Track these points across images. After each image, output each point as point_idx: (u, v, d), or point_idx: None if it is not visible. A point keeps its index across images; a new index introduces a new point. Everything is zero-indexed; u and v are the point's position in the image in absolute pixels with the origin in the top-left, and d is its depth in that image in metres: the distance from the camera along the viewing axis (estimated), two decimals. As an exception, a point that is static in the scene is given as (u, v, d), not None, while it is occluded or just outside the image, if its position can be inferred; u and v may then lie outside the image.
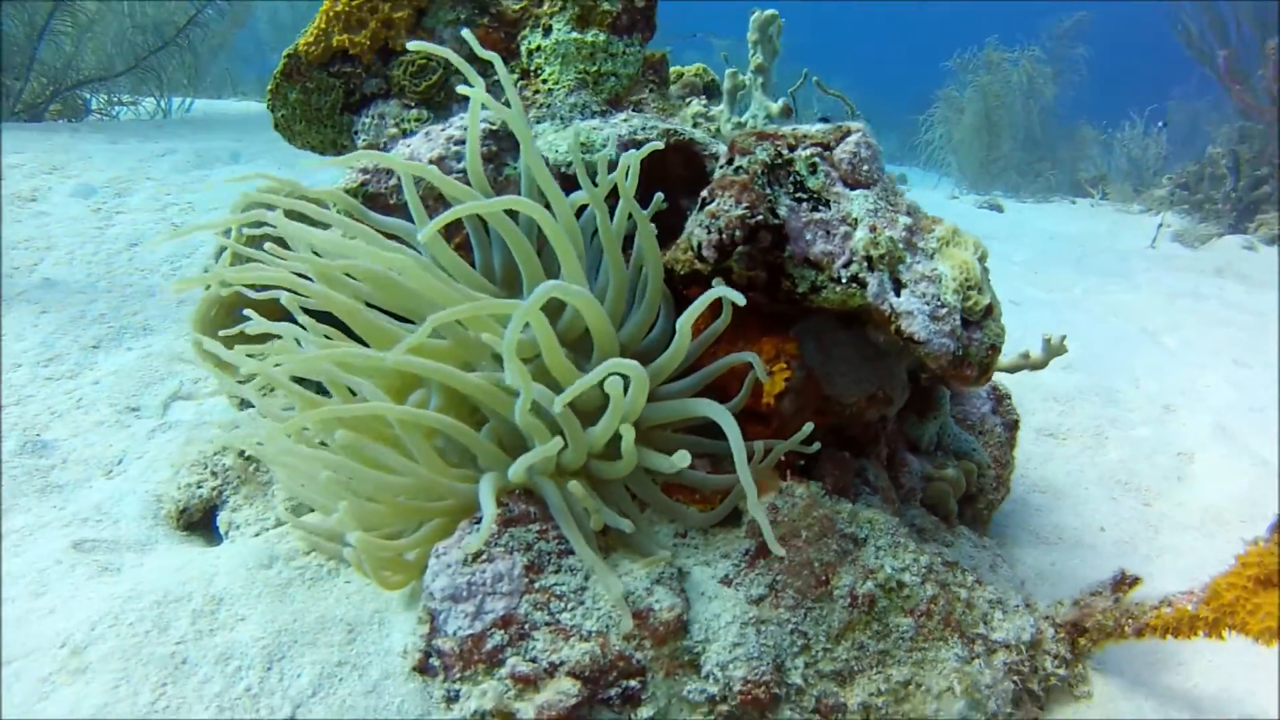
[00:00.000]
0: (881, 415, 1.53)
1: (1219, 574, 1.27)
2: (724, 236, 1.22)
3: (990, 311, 1.29)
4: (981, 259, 1.32)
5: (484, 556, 1.18)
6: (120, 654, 1.17)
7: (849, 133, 1.33)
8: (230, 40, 8.19)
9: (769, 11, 1.77)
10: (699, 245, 1.26)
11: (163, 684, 1.13)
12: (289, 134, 1.86)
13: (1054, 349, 1.86)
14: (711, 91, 2.33)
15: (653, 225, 1.31)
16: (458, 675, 1.16)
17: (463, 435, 1.21)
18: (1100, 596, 1.50)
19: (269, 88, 1.81)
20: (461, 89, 1.28)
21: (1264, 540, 1.22)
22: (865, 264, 1.24)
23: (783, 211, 1.26)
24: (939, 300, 1.25)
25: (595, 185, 1.28)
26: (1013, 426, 2.12)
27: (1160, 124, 7.73)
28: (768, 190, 1.26)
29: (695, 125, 1.99)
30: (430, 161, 1.43)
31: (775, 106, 1.81)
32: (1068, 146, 10.79)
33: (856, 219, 1.27)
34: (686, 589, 1.25)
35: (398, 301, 1.37)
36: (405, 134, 1.75)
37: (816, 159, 1.30)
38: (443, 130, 1.47)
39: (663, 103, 1.85)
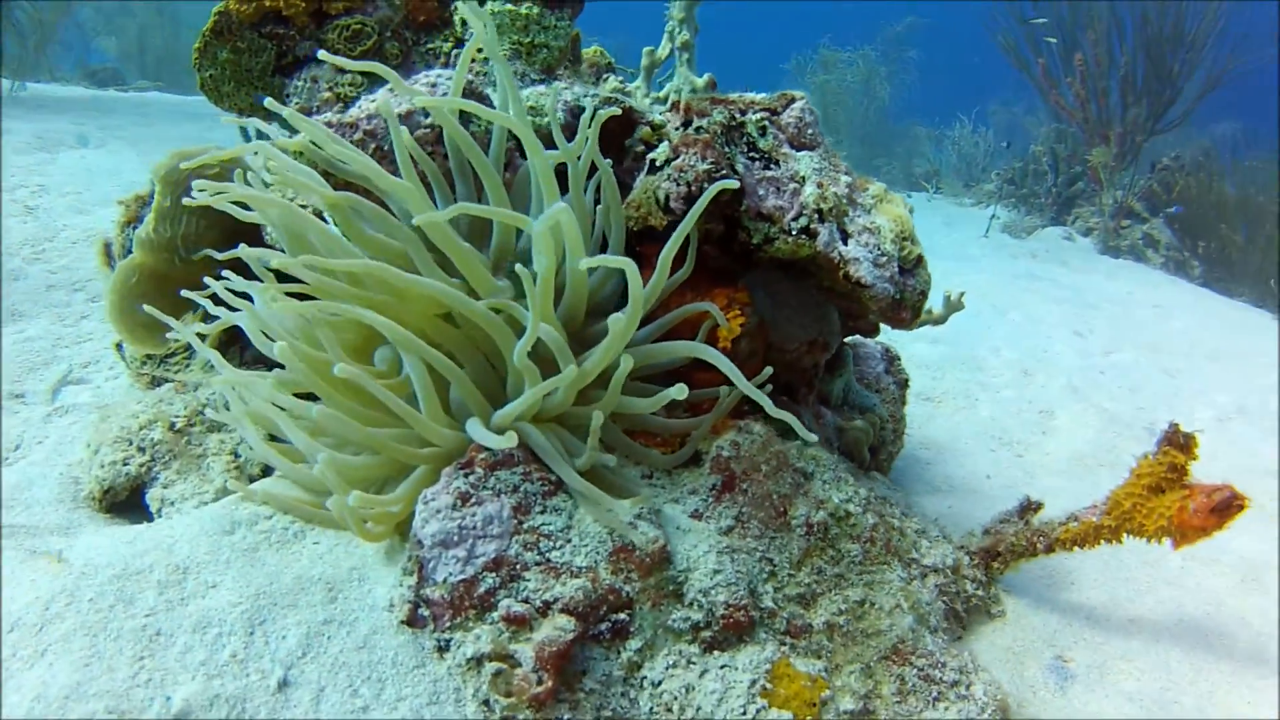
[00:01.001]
0: (815, 362, 1.64)
1: (1116, 487, 1.46)
2: (692, 189, 1.28)
3: (920, 261, 1.42)
4: (909, 213, 1.44)
5: (473, 500, 1.19)
6: (85, 630, 1.09)
7: (793, 100, 1.42)
8: (54, 26, 7.50)
9: (694, -7, 1.85)
10: (666, 198, 1.31)
11: (139, 657, 1.07)
12: (215, 95, 1.77)
13: (953, 304, 2.04)
14: (611, 71, 2.39)
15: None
16: (448, 624, 1.16)
17: (451, 373, 1.20)
18: (1009, 522, 1.66)
19: (196, 46, 1.71)
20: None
21: (1152, 454, 1.41)
22: (816, 216, 1.33)
23: (739, 168, 1.34)
24: (879, 249, 1.36)
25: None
26: (904, 385, 2.29)
27: (1005, 143, 8.41)
28: (726, 149, 1.33)
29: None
30: (400, 116, 1.41)
31: (700, 81, 1.90)
32: (902, 144, 11.52)
33: (804, 177, 1.37)
34: (662, 524, 1.30)
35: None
36: (340, 99, 1.71)
37: (766, 122, 1.39)
38: (411, 85, 1.45)
39: (584, 77, 1.89)
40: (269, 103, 1.33)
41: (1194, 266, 6.87)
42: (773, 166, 1.37)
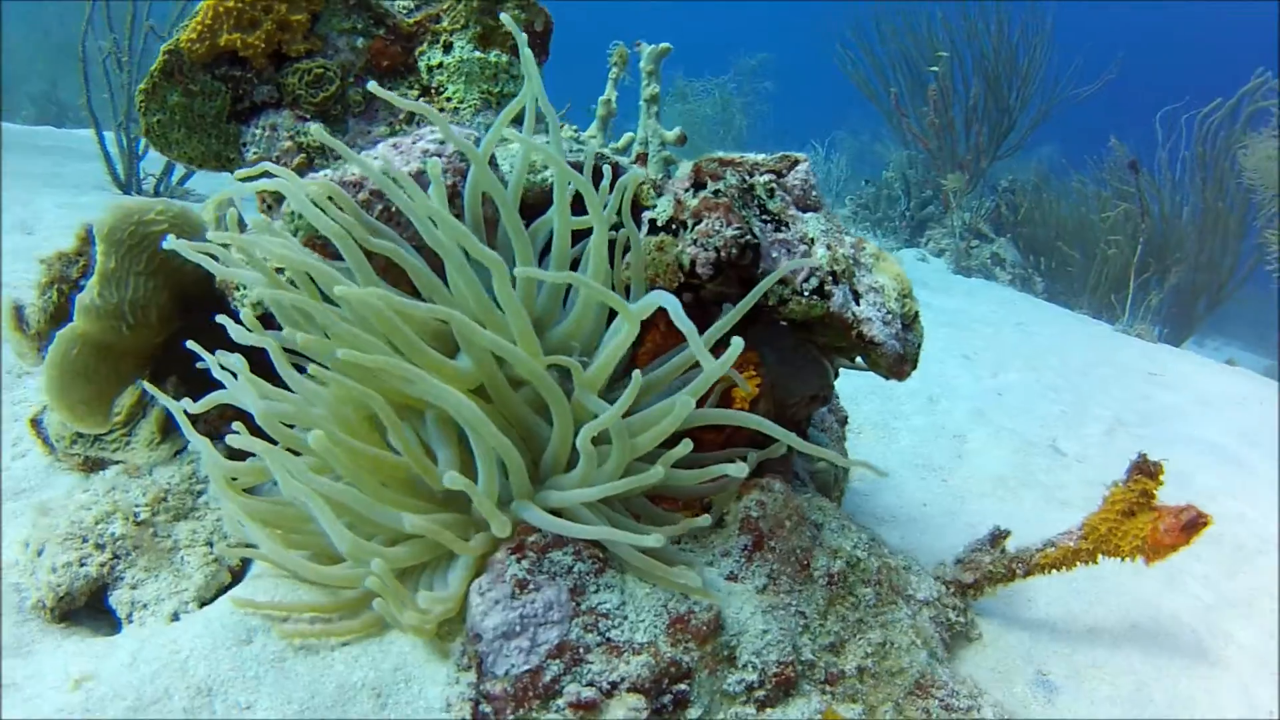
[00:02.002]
0: (809, 414, 1.72)
1: (1090, 514, 1.62)
2: (721, 255, 1.33)
3: (917, 316, 1.53)
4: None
5: (531, 586, 1.17)
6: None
7: (797, 162, 1.50)
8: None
9: (663, 45, 1.89)
10: (691, 263, 1.35)
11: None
12: (163, 142, 1.63)
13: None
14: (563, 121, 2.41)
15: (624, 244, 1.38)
16: (511, 717, 1.13)
17: (508, 452, 1.18)
18: (983, 551, 1.80)
19: (143, 87, 1.57)
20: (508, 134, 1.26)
21: (1122, 482, 1.58)
22: (831, 278, 1.41)
23: (755, 232, 1.40)
24: (886, 308, 1.46)
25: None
26: (843, 422, 2.43)
27: (865, 181, 8.95)
28: (743, 212, 1.39)
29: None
30: (409, 175, 1.36)
31: (671, 135, 1.94)
32: (759, 172, 12.07)
33: (813, 238, 1.44)
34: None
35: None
36: (302, 149, 1.64)
37: (773, 185, 1.46)
38: (413, 143, 1.40)
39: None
40: (336, 144, 1.26)
41: (1037, 282, 7.61)
42: (783, 229, 1.44)
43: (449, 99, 1.74)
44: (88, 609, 1.44)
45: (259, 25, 1.60)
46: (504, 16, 1.41)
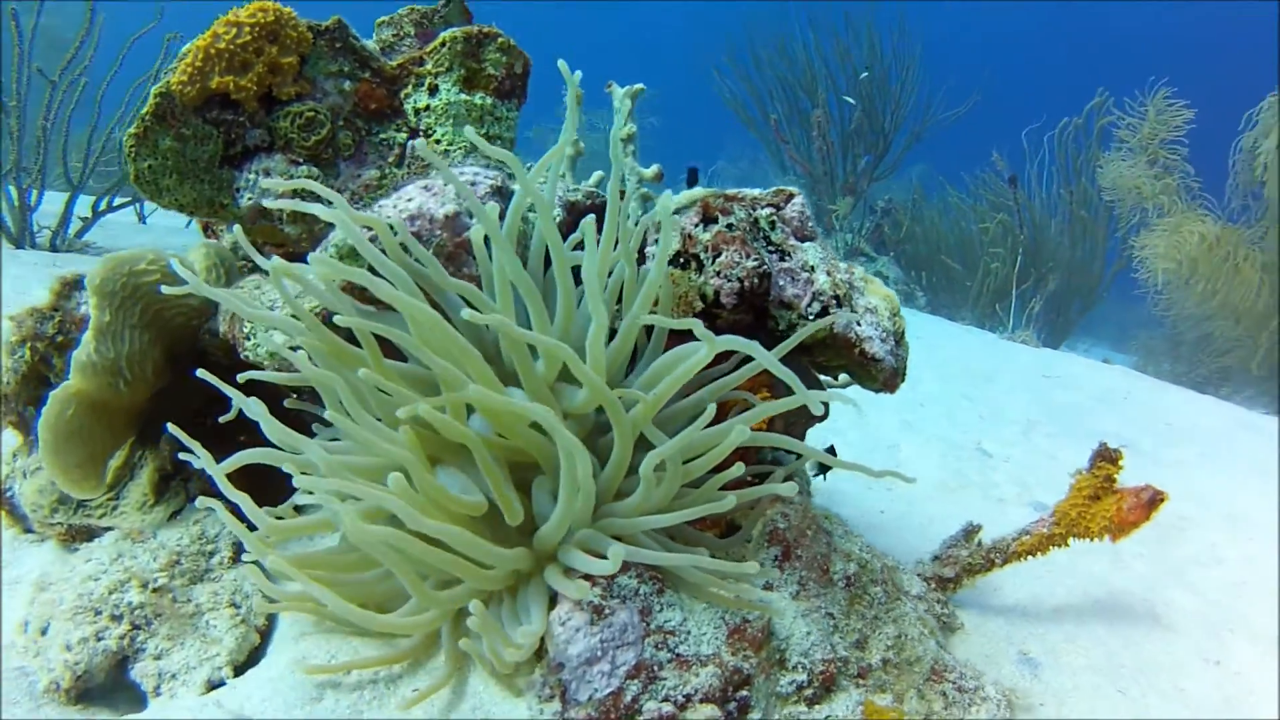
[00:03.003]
0: (803, 432, 1.86)
1: (1059, 501, 1.83)
2: (745, 285, 1.46)
3: (904, 332, 1.70)
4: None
5: (606, 611, 1.25)
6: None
7: (792, 195, 1.65)
8: None
9: (637, 85, 2.01)
10: (716, 293, 1.47)
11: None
12: (153, 189, 1.61)
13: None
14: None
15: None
16: (594, 738, 1.20)
17: (586, 481, 1.25)
18: (959, 546, 1.99)
19: (133, 131, 1.55)
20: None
21: (1086, 470, 1.79)
22: (834, 301, 1.56)
23: (766, 262, 1.54)
24: (881, 326, 1.63)
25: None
26: (799, 436, 2.60)
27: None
28: (754, 244, 1.53)
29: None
30: (446, 217, 1.41)
31: (649, 172, 2.06)
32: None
33: (814, 265, 1.60)
34: (748, 601, 1.44)
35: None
36: (296, 194, 1.66)
37: (774, 218, 1.60)
38: (445, 185, 1.45)
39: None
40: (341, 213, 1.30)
41: (919, 297, 8.17)
42: (786, 258, 1.58)
43: (438, 141, 1.80)
44: (106, 686, 1.41)
45: (250, 68, 1.62)
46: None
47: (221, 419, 1.44)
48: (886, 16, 8.32)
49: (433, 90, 1.83)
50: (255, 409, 1.31)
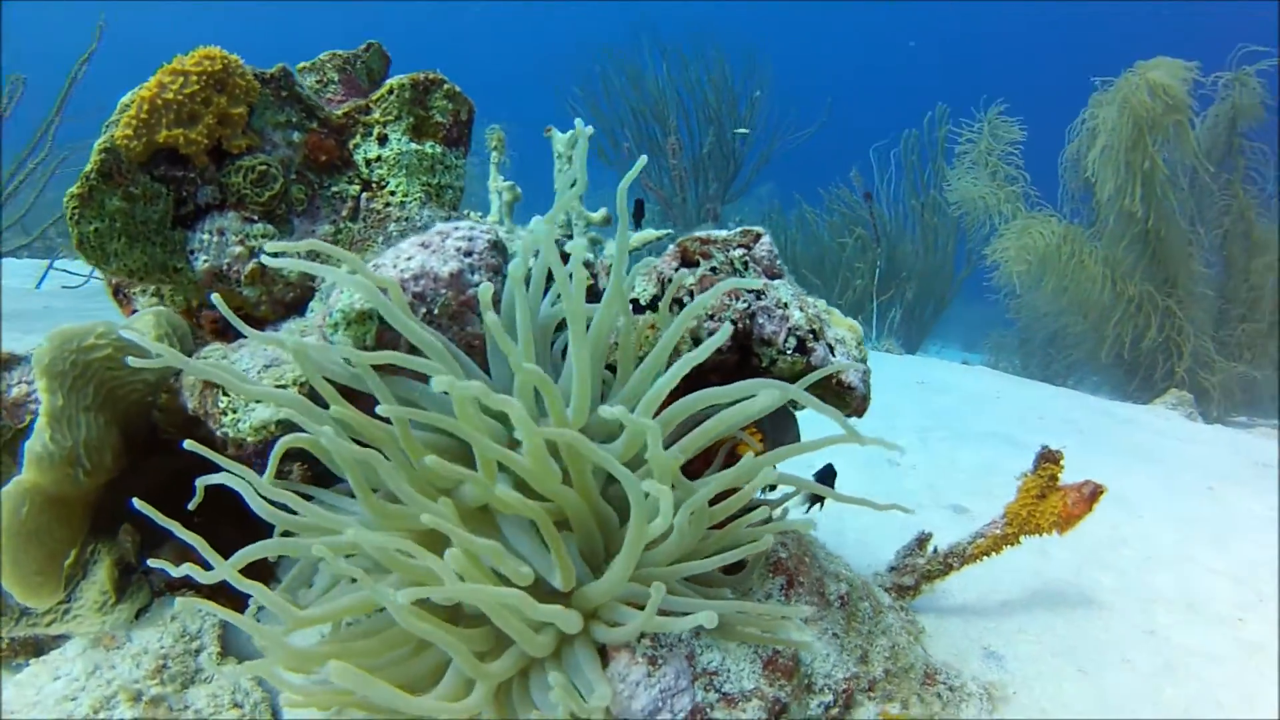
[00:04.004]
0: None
1: (1009, 503, 2.02)
2: (738, 326, 1.54)
3: (866, 358, 1.84)
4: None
5: (660, 661, 1.28)
6: None
7: (760, 235, 1.75)
8: None
9: (587, 129, 2.05)
10: (710, 335, 1.55)
11: None
12: (99, 254, 1.50)
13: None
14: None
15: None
16: (657, 786, 1.24)
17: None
18: (914, 555, 2.15)
19: (75, 191, 1.43)
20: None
21: (1031, 472, 1.99)
22: (811, 335, 1.68)
23: (750, 302, 1.63)
24: (851, 355, 1.75)
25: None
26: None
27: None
28: (739, 287, 1.62)
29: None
30: (450, 275, 1.39)
31: (596, 216, 2.10)
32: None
33: (786, 302, 1.70)
34: (767, 632, 1.51)
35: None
36: (254, 254, 1.61)
37: (747, 258, 1.70)
38: (444, 240, 1.43)
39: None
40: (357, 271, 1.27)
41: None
42: (762, 296, 1.68)
43: (393, 192, 1.79)
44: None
45: (199, 119, 1.55)
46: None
47: (191, 505, 1.36)
48: (735, 45, 8.75)
49: (382, 140, 1.81)
50: (271, 498, 1.27)
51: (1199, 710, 1.79)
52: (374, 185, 1.79)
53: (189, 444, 1.32)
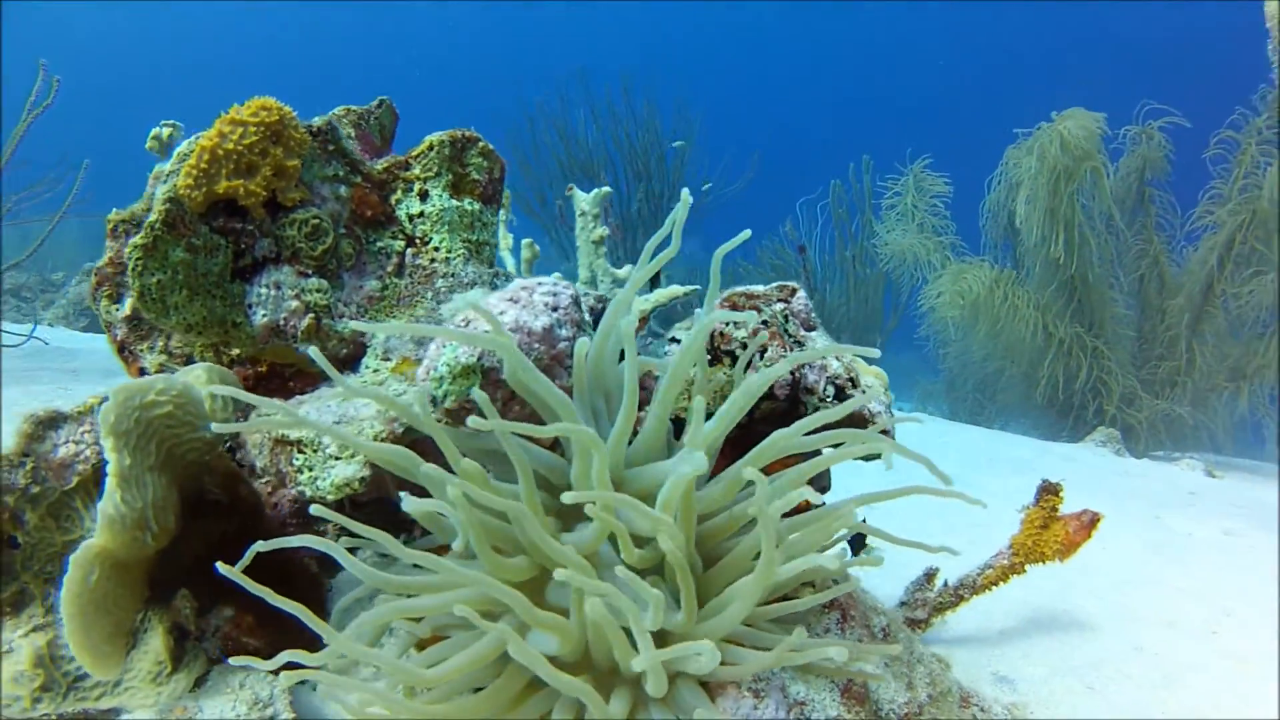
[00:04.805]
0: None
1: (1014, 535, 2.18)
2: (795, 375, 1.65)
3: (892, 403, 1.98)
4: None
5: (764, 695, 1.36)
6: None
7: (795, 290, 1.87)
8: None
9: (605, 189, 2.15)
10: (770, 387, 1.66)
11: None
12: (159, 308, 1.48)
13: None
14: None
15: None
16: (763, 817, 1.30)
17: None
18: (923, 589, 2.29)
19: (140, 242, 1.42)
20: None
21: (1033, 505, 2.16)
22: (849, 383, 1.80)
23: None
24: (882, 401, 1.89)
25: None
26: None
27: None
28: (786, 338, 1.73)
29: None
30: (544, 330, 1.44)
31: (621, 272, 2.19)
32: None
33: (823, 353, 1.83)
34: (832, 664, 1.60)
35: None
36: (310, 309, 1.64)
37: (787, 312, 1.82)
38: (530, 294, 1.47)
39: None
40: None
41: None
42: (798, 348, 1.80)
43: (436, 248, 1.84)
44: None
45: (257, 171, 1.58)
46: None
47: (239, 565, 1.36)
48: (665, 98, 9.06)
49: (423, 196, 1.86)
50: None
51: (1204, 716, 1.96)
52: (418, 241, 1.84)
53: (317, 509, 1.29)
